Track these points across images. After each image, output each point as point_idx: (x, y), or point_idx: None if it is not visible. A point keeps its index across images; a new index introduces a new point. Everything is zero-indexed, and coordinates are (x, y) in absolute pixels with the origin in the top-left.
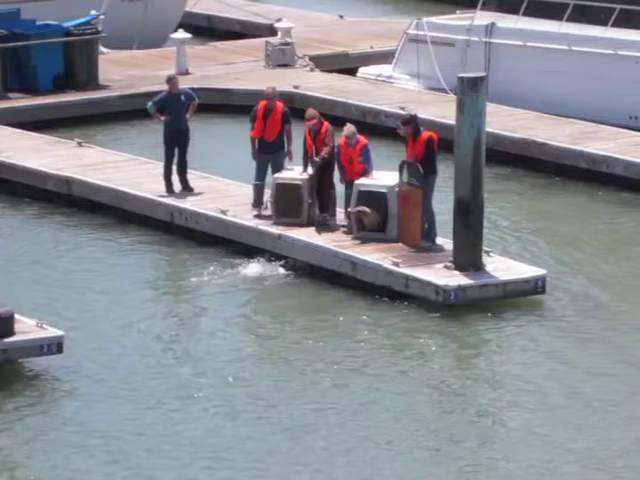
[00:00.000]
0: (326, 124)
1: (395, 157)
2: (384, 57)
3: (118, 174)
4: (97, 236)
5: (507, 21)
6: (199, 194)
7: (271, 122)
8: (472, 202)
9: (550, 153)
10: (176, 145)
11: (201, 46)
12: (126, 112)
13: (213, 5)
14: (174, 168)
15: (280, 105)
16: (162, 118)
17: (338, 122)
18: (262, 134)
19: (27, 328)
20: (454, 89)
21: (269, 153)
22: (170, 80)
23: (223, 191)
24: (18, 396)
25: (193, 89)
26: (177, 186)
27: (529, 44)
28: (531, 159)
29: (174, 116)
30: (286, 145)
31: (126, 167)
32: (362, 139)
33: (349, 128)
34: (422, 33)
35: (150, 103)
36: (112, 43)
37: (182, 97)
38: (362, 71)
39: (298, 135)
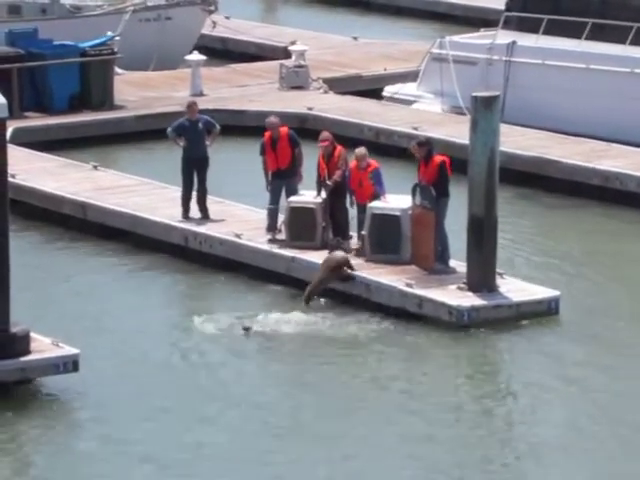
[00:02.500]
0: (339, 148)
1: (408, 179)
2: (398, 79)
3: (133, 198)
4: (112, 260)
5: (527, 39)
6: (214, 218)
7: (281, 150)
8: (486, 221)
9: (563, 171)
10: (193, 172)
11: (217, 68)
12: (141, 133)
13: (228, 27)
14: (193, 194)
15: (285, 130)
16: (181, 144)
17: (351, 143)
18: (277, 164)
19: (43, 346)
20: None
21: (283, 179)
22: (190, 106)
23: (237, 215)
24: (35, 415)
25: (207, 110)
26: (194, 213)
27: (548, 62)
28: (544, 177)
29: (191, 143)
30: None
31: (141, 191)
32: (373, 162)
33: (360, 151)
34: (445, 52)
35: (169, 129)
36: (128, 64)
37: (200, 124)
38: (388, 90)
39: (311, 157)
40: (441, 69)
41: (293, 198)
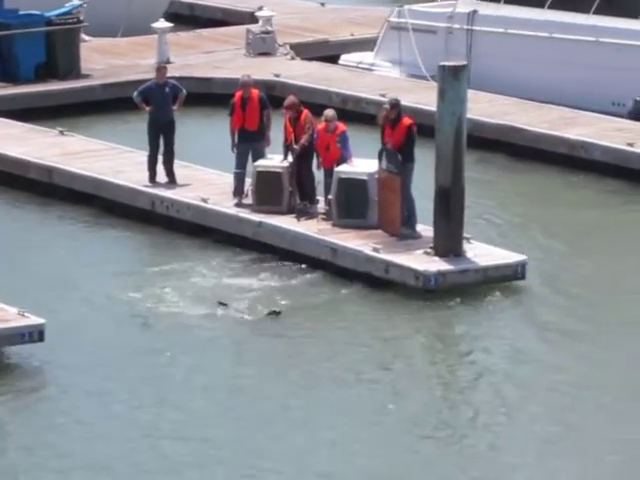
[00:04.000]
0: (305, 111)
1: (375, 144)
2: (365, 45)
3: (100, 163)
4: (78, 225)
5: (489, 9)
6: (180, 183)
7: (250, 111)
8: (453, 189)
9: (529, 139)
10: (159, 135)
11: (184, 33)
12: (108, 101)
13: None
14: (159, 158)
15: (256, 92)
16: (147, 108)
17: (319, 110)
18: (242, 124)
19: (8, 316)
20: (435, 76)
21: (250, 142)
22: (159, 70)
23: (204, 180)
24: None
25: (174, 78)
26: (161, 177)
27: (510, 31)
28: (510, 145)
29: (158, 106)
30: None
31: (108, 156)
32: (341, 125)
33: (329, 112)
34: (404, 20)
35: (136, 93)
36: (95, 32)
37: (167, 88)
38: (344, 58)
39: (278, 123)
40: (400, 37)
41: (260, 162)
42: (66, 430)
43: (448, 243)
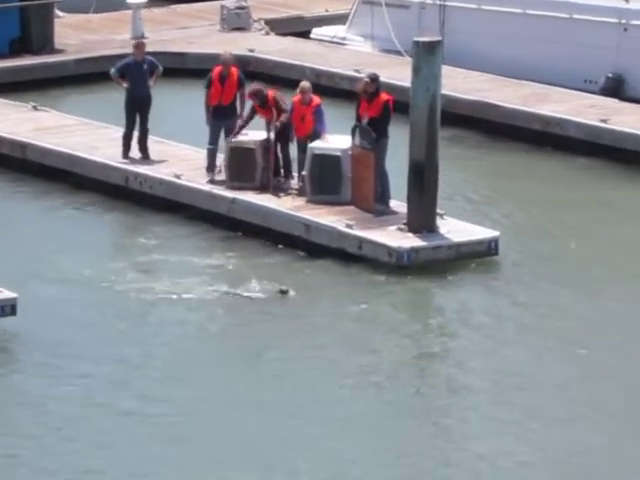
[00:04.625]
0: (271, 92)
1: (349, 120)
2: (339, 20)
3: (73, 138)
4: (51, 200)
5: None
6: (154, 159)
7: (227, 87)
8: (427, 165)
9: (503, 115)
10: (137, 112)
11: (157, 9)
12: (82, 76)
13: None
14: (135, 135)
15: (235, 70)
16: (125, 85)
17: (293, 85)
18: (219, 100)
19: None
20: (409, 51)
21: (223, 119)
22: (138, 46)
23: (178, 155)
24: None
25: (149, 53)
26: (135, 153)
27: (484, 7)
28: (484, 121)
29: (135, 82)
30: (239, 109)
31: (81, 131)
32: (316, 99)
33: (305, 84)
34: None
35: (113, 69)
36: (69, 7)
37: (145, 65)
38: (316, 32)
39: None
40: (372, 12)
41: (232, 138)
42: (39, 403)
43: (422, 219)
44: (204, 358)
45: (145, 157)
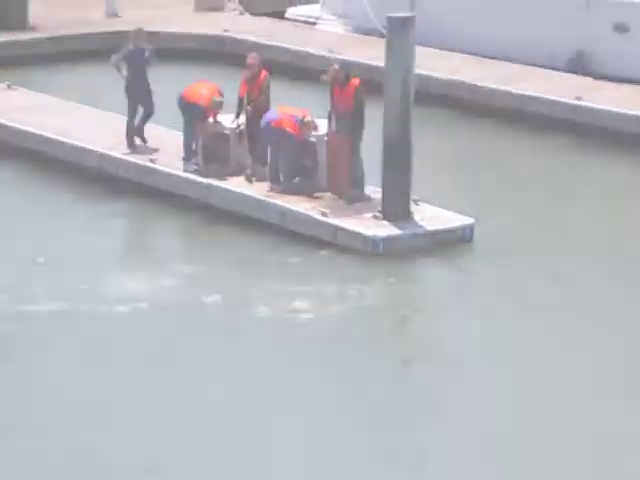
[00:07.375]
0: (265, 72)
1: (325, 103)
2: (314, 0)
3: (48, 119)
4: (24, 183)
5: None
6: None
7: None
8: (400, 142)
9: (478, 94)
10: (138, 101)
11: None
12: (55, 54)
13: None
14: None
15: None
16: (124, 74)
17: (268, 65)
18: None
19: None
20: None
21: None
22: (137, 34)
23: (154, 137)
24: None
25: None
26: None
27: None
28: (458, 100)
29: (136, 71)
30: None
31: (56, 111)
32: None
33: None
34: None
35: (114, 57)
36: None
37: (147, 53)
38: (290, 12)
39: (228, 80)
40: None
41: (208, 123)
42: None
43: (396, 204)
44: (177, 342)
45: (142, 141)
